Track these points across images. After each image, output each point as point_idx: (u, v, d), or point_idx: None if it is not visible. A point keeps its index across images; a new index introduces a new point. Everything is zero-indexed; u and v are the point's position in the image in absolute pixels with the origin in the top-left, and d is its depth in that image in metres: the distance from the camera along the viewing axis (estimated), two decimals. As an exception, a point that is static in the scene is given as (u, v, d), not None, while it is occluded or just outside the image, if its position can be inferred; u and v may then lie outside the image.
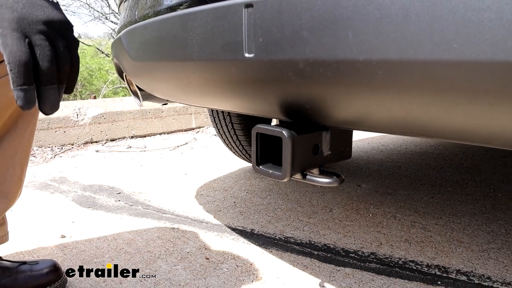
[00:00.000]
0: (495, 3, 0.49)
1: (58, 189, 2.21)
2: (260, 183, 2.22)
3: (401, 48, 0.57)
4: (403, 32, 0.56)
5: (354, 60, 0.62)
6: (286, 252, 1.43)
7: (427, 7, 0.53)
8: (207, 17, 0.85)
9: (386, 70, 0.60)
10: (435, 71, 0.56)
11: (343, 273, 1.28)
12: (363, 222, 1.66)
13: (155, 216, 1.79)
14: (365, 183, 2.18)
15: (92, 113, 3.43)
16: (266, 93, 0.85)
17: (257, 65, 0.77)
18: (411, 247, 1.44)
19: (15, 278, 1.11)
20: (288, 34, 0.69)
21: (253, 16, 0.74)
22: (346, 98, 0.72)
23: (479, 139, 0.67)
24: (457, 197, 1.95)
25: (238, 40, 0.78)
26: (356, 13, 0.60)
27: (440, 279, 1.24)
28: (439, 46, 0.54)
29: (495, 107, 0.56)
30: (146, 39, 1.08)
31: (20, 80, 0.65)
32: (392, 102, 0.65)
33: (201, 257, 1.39)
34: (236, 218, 1.75)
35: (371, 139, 3.39)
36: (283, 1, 0.69)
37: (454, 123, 0.64)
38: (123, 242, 1.52)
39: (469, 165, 2.54)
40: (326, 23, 0.64)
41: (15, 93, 0.65)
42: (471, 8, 0.51)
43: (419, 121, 0.67)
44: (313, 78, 0.70)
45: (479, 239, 1.49)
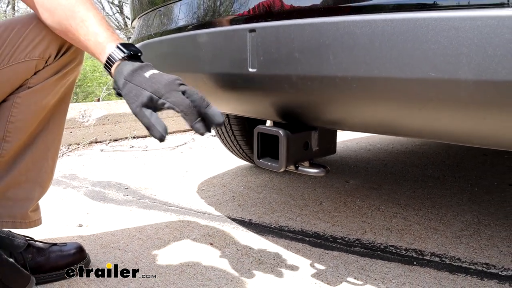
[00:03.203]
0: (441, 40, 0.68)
1: (69, 185, 2.39)
2: (256, 179, 2.40)
3: (369, 68, 0.76)
4: (370, 56, 0.75)
5: (334, 76, 0.81)
6: (281, 238, 1.61)
7: (387, 39, 0.72)
8: (218, 38, 1.04)
9: (358, 84, 0.79)
10: (394, 85, 0.75)
11: (331, 256, 1.46)
12: (350, 213, 1.85)
13: (161, 208, 1.97)
14: (353, 179, 2.37)
15: (97, 115, 3.62)
16: (265, 100, 1.05)
17: (259, 78, 0.97)
18: (392, 234, 1.63)
19: (48, 257, 1.29)
20: (284, 55, 0.89)
21: (256, 39, 0.93)
22: (329, 104, 0.91)
23: (434, 136, 0.86)
24: (437, 191, 2.14)
25: (243, 58, 0.97)
26: (335, 40, 0.79)
27: (416, 260, 1.42)
28: (396, 66, 0.73)
29: (438, 111, 0.75)
30: (162, 53, 1.27)
31: (193, 116, 0.92)
32: (364, 108, 0.85)
33: (206, 242, 1.57)
34: (235, 210, 1.93)
35: (359, 140, 3.58)
36: (279, 29, 0.88)
37: (412, 123, 0.83)
38: (135, 230, 1.70)
39: (451, 163, 2.73)
40: (313, 47, 0.83)
41: (195, 126, 0.92)
42: (418, 40, 0.70)
43: (385, 122, 0.86)
44: (304, 89, 0.89)
45: (453, 227, 1.68)
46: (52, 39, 1.12)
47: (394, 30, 0.72)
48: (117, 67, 1.00)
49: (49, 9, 1.05)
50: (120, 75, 0.98)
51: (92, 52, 1.03)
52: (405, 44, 0.71)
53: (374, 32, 0.74)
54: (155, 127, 0.94)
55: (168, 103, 0.93)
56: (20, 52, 1.10)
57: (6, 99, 1.15)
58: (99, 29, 1.02)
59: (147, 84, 0.95)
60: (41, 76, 1.15)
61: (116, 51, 1.00)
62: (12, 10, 13.06)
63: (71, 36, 1.05)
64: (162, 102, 0.93)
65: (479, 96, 0.69)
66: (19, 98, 1.14)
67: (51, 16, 1.05)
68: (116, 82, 1.00)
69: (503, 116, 0.71)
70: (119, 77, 0.99)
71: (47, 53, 1.13)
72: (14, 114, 1.14)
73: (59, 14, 1.04)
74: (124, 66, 0.98)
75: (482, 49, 0.65)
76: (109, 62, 1.00)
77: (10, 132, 1.15)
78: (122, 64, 0.99)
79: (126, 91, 0.97)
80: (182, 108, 0.92)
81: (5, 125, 1.15)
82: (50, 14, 1.05)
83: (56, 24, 1.06)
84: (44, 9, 1.06)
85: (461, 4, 0.67)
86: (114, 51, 1.00)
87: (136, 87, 0.95)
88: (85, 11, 1.02)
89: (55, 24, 1.06)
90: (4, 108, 1.15)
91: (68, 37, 1.06)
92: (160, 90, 0.94)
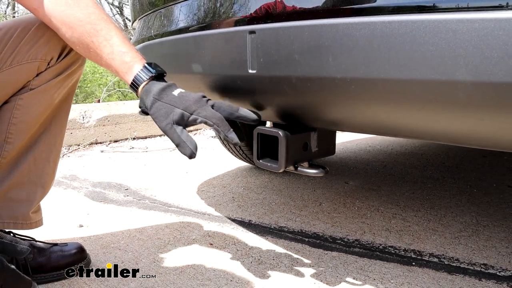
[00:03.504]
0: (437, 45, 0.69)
1: (70, 186, 2.40)
2: (256, 180, 2.41)
3: (367, 69, 0.77)
4: (369, 57, 0.76)
5: (333, 77, 0.82)
6: (281, 239, 1.62)
7: (385, 40, 0.73)
8: (218, 39, 1.05)
9: (357, 85, 0.80)
10: (392, 86, 0.76)
11: (330, 256, 1.47)
12: (349, 214, 1.86)
13: (162, 209, 1.98)
14: (352, 180, 2.37)
15: (97, 116, 3.62)
16: (265, 101, 1.06)
17: (258, 79, 0.98)
18: (391, 235, 1.64)
19: (49, 257, 1.30)
20: (283, 56, 0.89)
21: (256, 40, 0.94)
22: (329, 105, 0.92)
23: (432, 137, 0.87)
24: (436, 192, 2.14)
25: (243, 59, 0.98)
26: (334, 42, 0.80)
27: (414, 261, 1.43)
28: (394, 68, 0.74)
29: (436, 113, 0.76)
30: (162, 54, 1.28)
31: (226, 127, 0.97)
32: (363, 109, 0.86)
33: (206, 243, 1.58)
34: (235, 210, 1.94)
35: (359, 141, 3.59)
36: (279, 30, 0.89)
37: (411, 124, 0.84)
38: (135, 230, 1.70)
39: (450, 164, 2.74)
40: (312, 49, 0.84)
41: (229, 136, 0.97)
42: (416, 42, 0.71)
43: (384, 123, 0.87)
44: (303, 90, 0.90)
45: (452, 228, 1.69)
46: (54, 41, 1.12)
47: (392, 32, 0.73)
48: (144, 86, 1.02)
49: (68, 24, 1.04)
50: (148, 94, 1.01)
51: (116, 70, 1.04)
52: (403, 46, 0.71)
53: (373, 34, 0.75)
54: (185, 144, 0.97)
55: (200, 118, 0.97)
56: (22, 54, 1.10)
57: (8, 101, 1.16)
58: (124, 48, 1.03)
59: (177, 101, 0.98)
60: (43, 78, 1.15)
61: (144, 71, 1.02)
62: (12, 11, 13.08)
63: (92, 53, 1.05)
64: (194, 117, 0.97)
65: (476, 97, 0.70)
66: (21, 99, 1.15)
67: (70, 31, 1.04)
68: (143, 101, 1.02)
69: (500, 117, 0.72)
70: (146, 96, 1.01)
71: (50, 55, 1.13)
72: (16, 116, 1.15)
73: (79, 31, 1.03)
74: (153, 86, 1.01)
75: (480, 51, 0.65)
76: (136, 82, 1.02)
77: (12, 134, 1.16)
78: (150, 83, 1.02)
79: (155, 109, 0.99)
80: (214, 121, 0.96)
81: (7, 127, 1.15)
82: (69, 30, 1.04)
83: (76, 40, 1.05)
84: (63, 25, 1.04)
85: (459, 7, 0.68)
86: (141, 71, 1.02)
87: (166, 105, 0.98)
88: (107, 29, 1.03)
89: (74, 40, 1.05)
90: (6, 110, 1.15)
91: (89, 53, 1.06)
92: (191, 106, 0.97)
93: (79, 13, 1.02)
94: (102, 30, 1.02)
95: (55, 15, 1.04)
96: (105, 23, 1.03)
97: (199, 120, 0.97)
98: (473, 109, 0.73)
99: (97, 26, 1.02)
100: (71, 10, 1.03)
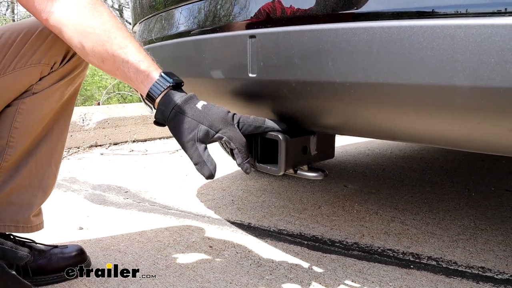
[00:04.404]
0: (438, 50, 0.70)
1: (70, 188, 2.40)
2: (255, 183, 2.42)
3: (366, 73, 0.78)
4: (368, 62, 0.77)
5: (333, 81, 0.83)
6: (280, 241, 1.62)
7: (384, 45, 0.74)
8: (218, 44, 1.06)
9: (356, 89, 0.81)
10: (391, 90, 0.77)
11: (329, 259, 1.48)
12: (348, 217, 1.86)
13: (161, 211, 1.99)
14: (351, 184, 2.38)
15: (97, 119, 3.63)
16: (265, 104, 1.07)
17: (258, 83, 0.99)
18: (390, 238, 1.64)
19: (49, 259, 1.31)
20: (283, 60, 0.90)
21: (256, 45, 0.95)
22: (328, 109, 0.93)
23: (430, 141, 0.88)
24: (435, 196, 2.15)
25: (243, 63, 0.99)
26: (334, 47, 0.81)
27: (413, 264, 1.44)
28: (393, 72, 0.75)
29: (434, 117, 0.76)
30: (163, 58, 1.29)
31: (245, 155, 0.96)
32: (362, 113, 0.86)
33: (205, 245, 1.58)
34: (234, 213, 1.94)
35: (358, 145, 3.60)
36: (279, 35, 0.90)
37: (409, 128, 0.85)
38: (135, 233, 1.71)
39: (449, 168, 2.75)
40: (312, 53, 0.85)
41: (244, 165, 0.96)
42: (415, 47, 0.72)
43: (383, 127, 0.88)
44: (303, 94, 0.91)
45: (450, 232, 1.70)
46: (57, 45, 1.12)
47: (391, 37, 0.74)
48: (162, 97, 0.97)
49: (81, 33, 0.98)
50: (167, 106, 0.95)
51: (131, 80, 0.99)
52: (402, 51, 0.72)
53: (372, 39, 0.76)
54: (205, 165, 0.92)
55: (225, 137, 0.94)
56: (26, 58, 1.10)
57: (11, 104, 1.16)
58: (139, 56, 0.98)
59: (202, 117, 0.93)
60: (46, 82, 1.16)
61: (160, 80, 0.97)
62: (11, 14, 13.10)
63: (106, 63, 1.00)
64: (219, 136, 0.93)
65: (474, 102, 0.71)
66: (23, 104, 1.15)
67: (83, 40, 0.98)
68: (162, 112, 0.97)
69: (497, 121, 0.73)
70: (166, 108, 0.96)
71: (53, 59, 1.13)
72: (18, 120, 1.15)
73: (93, 39, 0.98)
74: (172, 96, 0.96)
75: (477, 56, 0.66)
76: (153, 93, 0.97)
77: (14, 138, 1.16)
78: (169, 93, 0.96)
79: (176, 122, 0.94)
80: (237, 145, 0.94)
81: (9, 131, 1.16)
82: (83, 39, 0.98)
83: (89, 50, 0.99)
84: (75, 34, 0.99)
85: (457, 13, 0.69)
86: (159, 80, 0.97)
87: (190, 120, 0.93)
88: (122, 38, 0.98)
89: (87, 50, 0.99)
90: (9, 114, 1.16)
91: (103, 64, 1.00)
92: (217, 124, 0.93)
93: (93, 21, 0.97)
94: (116, 38, 0.97)
95: (67, 24, 0.98)
96: (120, 31, 0.98)
97: (224, 140, 0.93)
98: (470, 113, 0.74)
99: (111, 34, 0.97)
100: (84, 19, 0.97)
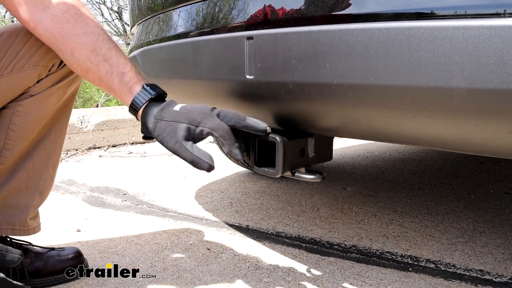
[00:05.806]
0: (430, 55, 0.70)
1: (68, 190, 2.40)
2: (254, 186, 2.41)
3: (364, 75, 0.77)
4: (365, 64, 0.77)
5: (330, 83, 0.83)
6: (278, 244, 1.62)
7: (382, 47, 0.74)
8: (216, 45, 1.05)
9: (354, 91, 0.81)
10: (389, 92, 0.76)
11: (327, 261, 1.47)
12: (347, 219, 1.86)
13: (159, 214, 1.98)
14: (350, 186, 2.38)
15: (95, 121, 3.63)
16: (263, 106, 1.07)
17: (256, 84, 0.98)
18: (388, 240, 1.64)
19: (46, 262, 1.30)
20: (281, 62, 0.90)
21: (253, 46, 0.95)
22: (325, 111, 0.93)
23: (428, 143, 0.87)
24: (434, 198, 2.15)
25: (241, 65, 0.99)
26: (331, 48, 0.80)
27: (411, 267, 1.43)
28: (390, 74, 0.74)
29: (432, 119, 0.76)
30: (161, 59, 1.29)
31: (231, 141, 0.91)
32: (359, 115, 0.86)
33: (203, 248, 1.58)
34: (232, 216, 1.94)
35: (357, 147, 3.60)
36: (277, 36, 0.90)
37: (406, 130, 0.85)
38: (132, 235, 1.70)
39: (448, 170, 2.75)
40: (309, 55, 0.84)
41: (233, 152, 0.92)
42: (412, 49, 0.71)
43: (380, 129, 0.87)
44: (300, 96, 0.91)
45: (449, 234, 1.69)
46: None
47: (389, 39, 0.73)
48: (144, 109, 0.98)
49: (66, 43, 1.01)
50: (148, 117, 0.97)
51: (115, 91, 1.00)
52: (399, 53, 0.72)
53: (369, 41, 0.75)
54: (200, 160, 0.92)
55: (206, 129, 0.92)
56: (24, 61, 1.10)
57: (8, 107, 1.15)
58: (124, 68, 0.99)
59: (180, 116, 0.93)
60: (43, 85, 1.15)
61: (143, 91, 0.98)
62: (10, 15, 13.09)
63: (91, 74, 1.02)
64: (200, 129, 0.92)
65: (471, 104, 0.71)
66: (20, 106, 1.15)
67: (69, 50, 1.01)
68: (145, 124, 0.98)
69: (495, 123, 0.72)
70: (148, 119, 0.97)
71: (51, 62, 1.13)
72: (15, 122, 1.15)
73: (78, 49, 1.00)
74: (153, 108, 0.97)
75: (475, 58, 0.66)
76: (134, 105, 0.98)
77: (11, 140, 1.16)
78: (150, 105, 0.97)
79: (159, 130, 0.95)
80: (221, 133, 0.91)
81: (6, 133, 1.15)
82: (68, 48, 1.01)
83: (74, 59, 1.02)
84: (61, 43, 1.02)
85: (455, 14, 0.68)
86: (141, 92, 0.98)
87: (170, 122, 0.93)
88: (106, 49, 1.00)
89: (72, 59, 1.03)
90: (6, 116, 1.15)
91: (87, 74, 1.03)
92: (196, 118, 0.93)
93: (79, 31, 1.00)
94: (101, 49, 0.99)
95: (54, 33, 1.01)
96: (105, 43, 1.00)
97: (206, 131, 0.92)
98: (469, 115, 0.73)
99: (96, 44, 0.99)
100: (70, 29, 1.00)
